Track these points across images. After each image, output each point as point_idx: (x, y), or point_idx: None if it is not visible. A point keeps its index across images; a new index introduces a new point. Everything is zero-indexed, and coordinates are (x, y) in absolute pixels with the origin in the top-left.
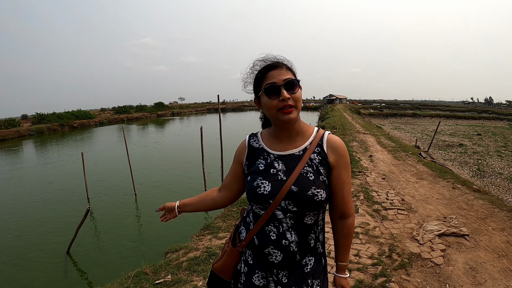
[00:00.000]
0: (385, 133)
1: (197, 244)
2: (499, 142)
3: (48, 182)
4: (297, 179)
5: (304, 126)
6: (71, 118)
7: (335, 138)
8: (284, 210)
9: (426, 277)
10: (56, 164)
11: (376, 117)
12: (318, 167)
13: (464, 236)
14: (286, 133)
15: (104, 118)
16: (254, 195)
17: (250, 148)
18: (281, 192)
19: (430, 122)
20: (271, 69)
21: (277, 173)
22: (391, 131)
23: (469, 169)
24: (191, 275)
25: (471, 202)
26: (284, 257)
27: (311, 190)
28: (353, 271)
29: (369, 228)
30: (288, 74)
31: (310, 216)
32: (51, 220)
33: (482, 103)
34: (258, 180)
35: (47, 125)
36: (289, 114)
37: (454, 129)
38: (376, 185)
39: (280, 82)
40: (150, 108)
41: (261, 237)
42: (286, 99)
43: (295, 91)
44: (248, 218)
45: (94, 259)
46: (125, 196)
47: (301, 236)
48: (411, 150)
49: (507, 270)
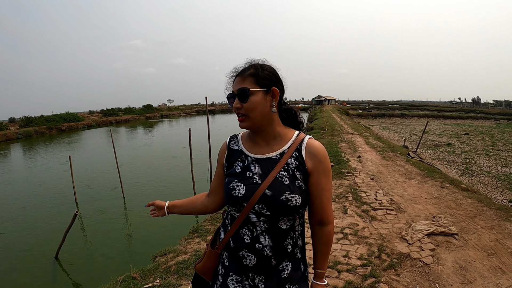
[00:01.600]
0: (373, 134)
1: (185, 247)
2: (487, 141)
3: (35, 186)
4: (271, 183)
5: (283, 130)
6: (59, 121)
7: (315, 143)
8: (258, 213)
9: (415, 277)
10: (43, 168)
11: (364, 117)
12: (294, 171)
13: (453, 235)
14: (260, 138)
15: (93, 120)
16: (229, 197)
17: (230, 150)
18: (255, 196)
19: (418, 122)
20: (237, 75)
21: (252, 176)
22: (379, 132)
23: (457, 168)
24: (180, 279)
25: (459, 201)
26: (259, 261)
27: (285, 195)
28: (342, 272)
29: (358, 229)
30: (246, 82)
31: (284, 221)
32: (39, 225)
33: (469, 103)
34: (234, 182)
35: (34, 128)
36: (241, 122)
37: (442, 128)
38: (365, 185)
39: (235, 91)
40: (139, 110)
41: (236, 240)
42: (235, 109)
43: (245, 101)
44: (226, 220)
45: (82, 263)
46: (114, 199)
47: (275, 241)
48: (399, 150)
49: (496, 268)
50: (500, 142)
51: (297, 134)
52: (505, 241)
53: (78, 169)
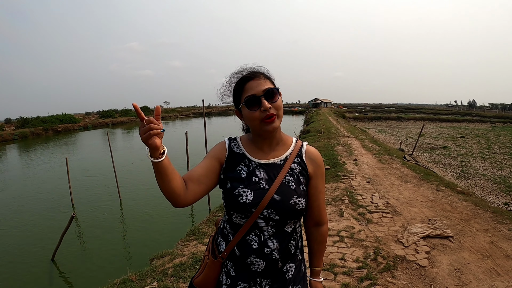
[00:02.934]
0: (369, 137)
1: (182, 250)
2: (483, 144)
3: (32, 187)
4: (279, 188)
5: (283, 136)
6: (55, 122)
7: (312, 149)
8: (266, 218)
9: (411, 279)
10: (40, 169)
11: (361, 120)
12: (298, 176)
13: (448, 238)
14: (267, 142)
15: (89, 122)
16: (236, 204)
17: (231, 152)
18: (264, 201)
19: (414, 125)
20: (248, 80)
21: (259, 182)
22: (375, 135)
23: (453, 171)
24: (177, 281)
25: (455, 204)
26: (267, 265)
27: (293, 199)
28: (339, 275)
29: (354, 232)
30: (267, 83)
31: (290, 224)
32: (36, 227)
33: (465, 106)
34: (239, 188)
35: (31, 130)
36: (272, 123)
37: (438, 131)
38: (361, 188)
39: (260, 93)
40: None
41: (242, 247)
42: (268, 109)
43: (276, 100)
44: (225, 230)
45: (79, 266)
46: (110, 201)
47: (282, 244)
48: (395, 153)
49: (491, 271)
50: (496, 145)
51: (295, 140)
52: (500, 243)
53: (75, 171)
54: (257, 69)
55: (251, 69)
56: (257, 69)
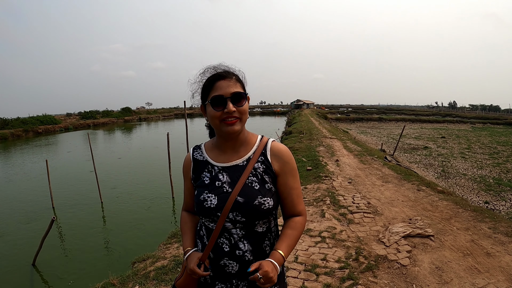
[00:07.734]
0: (351, 138)
1: (164, 252)
2: (463, 144)
3: (11, 190)
4: (242, 189)
5: (248, 136)
6: (35, 123)
7: (279, 145)
8: (233, 221)
9: (393, 278)
10: (19, 172)
11: (343, 121)
12: (262, 175)
13: (429, 237)
14: (229, 144)
15: (70, 123)
16: (202, 209)
17: (195, 161)
18: (228, 204)
19: (396, 126)
20: (220, 78)
21: (222, 186)
22: (357, 135)
23: (434, 171)
24: (159, 284)
25: (435, 203)
26: (241, 267)
27: (257, 200)
28: (321, 275)
29: (336, 232)
30: (237, 86)
31: (260, 224)
32: (15, 231)
33: (446, 107)
34: (204, 194)
35: (11, 131)
36: (233, 125)
37: (419, 132)
38: (343, 189)
39: (227, 95)
40: (117, 113)
41: (215, 250)
42: (232, 112)
43: (242, 104)
44: (201, 231)
45: (60, 270)
46: (91, 204)
47: (254, 245)
48: (376, 154)
49: (472, 268)
50: (476, 145)
51: (260, 138)
52: (481, 241)
53: (55, 173)
54: (232, 70)
55: (227, 67)
56: (232, 70)
